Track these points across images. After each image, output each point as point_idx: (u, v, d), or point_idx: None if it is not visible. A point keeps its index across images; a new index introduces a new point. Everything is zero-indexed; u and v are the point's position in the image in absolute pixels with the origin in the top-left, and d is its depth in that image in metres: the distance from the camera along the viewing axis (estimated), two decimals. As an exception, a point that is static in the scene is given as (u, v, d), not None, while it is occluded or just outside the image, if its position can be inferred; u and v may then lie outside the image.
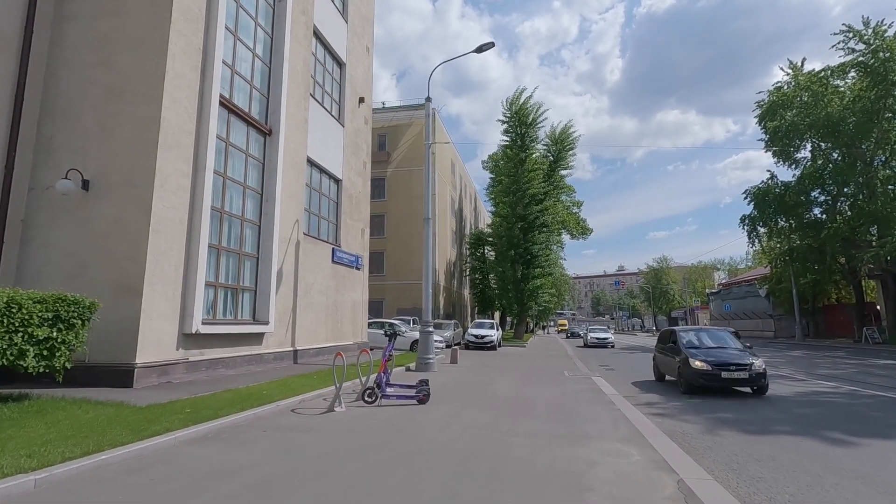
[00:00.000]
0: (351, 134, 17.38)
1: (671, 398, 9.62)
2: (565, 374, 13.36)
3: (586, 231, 45.90)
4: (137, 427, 5.23)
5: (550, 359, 19.90)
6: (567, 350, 26.89)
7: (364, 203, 18.52)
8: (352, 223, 17.29)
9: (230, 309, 10.74)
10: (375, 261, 36.13)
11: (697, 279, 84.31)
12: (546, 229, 34.52)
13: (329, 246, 15.46)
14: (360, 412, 7.11)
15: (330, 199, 16.05)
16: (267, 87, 12.40)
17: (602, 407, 8.06)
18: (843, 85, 31.83)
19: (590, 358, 21.01)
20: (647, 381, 12.51)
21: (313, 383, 9.15)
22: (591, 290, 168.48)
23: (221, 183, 10.48)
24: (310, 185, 14.63)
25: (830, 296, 41.02)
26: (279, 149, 12.21)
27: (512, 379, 12.05)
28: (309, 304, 13.95)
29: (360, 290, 17.84)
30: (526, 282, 33.17)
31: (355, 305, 17.29)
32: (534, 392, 9.72)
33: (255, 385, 8.65)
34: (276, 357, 12.14)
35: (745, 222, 38.83)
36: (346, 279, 16.52)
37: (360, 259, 17.78)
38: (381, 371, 7.79)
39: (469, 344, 24.90)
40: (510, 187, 34.09)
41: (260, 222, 11.81)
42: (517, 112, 34.40)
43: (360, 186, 18.12)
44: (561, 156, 36.64)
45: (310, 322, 13.95)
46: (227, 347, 10.34)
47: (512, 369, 14.79)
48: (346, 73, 17.16)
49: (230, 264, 10.79)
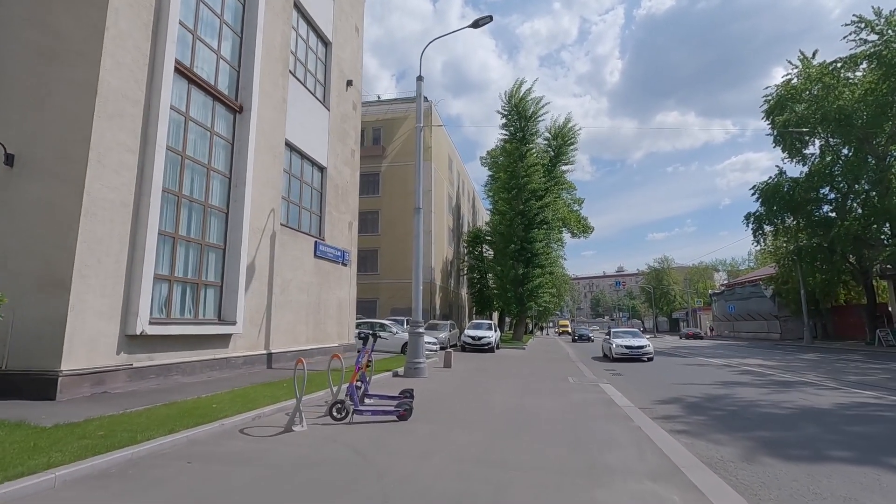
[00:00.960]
0: (337, 119, 16.08)
1: (691, 409, 8.34)
2: (570, 381, 12.07)
3: (587, 229, 44.60)
4: (14, 460, 3.93)
5: (552, 362, 18.61)
6: (569, 352, 25.61)
7: (352, 194, 17.23)
8: (338, 215, 15.99)
9: (189, 307, 9.44)
10: (369, 259, 34.87)
11: (698, 280, 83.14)
12: (546, 226, 33.22)
13: (311, 239, 14.16)
14: (324, 433, 5.81)
15: (313, 188, 14.75)
16: (238, 59, 11.10)
17: (619, 424, 6.77)
18: (855, 77, 30.64)
19: (594, 362, 19.72)
20: (661, 388, 11.23)
21: (279, 393, 7.84)
22: (591, 290, 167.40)
23: (179, 162, 9.17)
24: (289, 171, 13.32)
25: (839, 297, 39.77)
26: (251, 128, 10.90)
27: (511, 386, 10.76)
28: (287, 302, 12.64)
29: (348, 287, 16.54)
30: (526, 281, 31.87)
31: (341, 304, 15.99)
32: (536, 403, 8.43)
33: (208, 396, 7.34)
34: (247, 361, 10.83)
35: (751, 220, 37.63)
36: (330, 275, 15.22)
37: (348, 254, 16.48)
38: (352, 381, 6.48)
39: (465, 346, 23.60)
40: (509, 182, 32.80)
41: (228, 209, 10.50)
42: (516, 105, 33.13)
43: (347, 176, 16.83)
44: (562, 150, 35.37)
45: (287, 322, 12.64)
46: (184, 351, 9.03)
47: (511, 374, 13.51)
48: (332, 54, 15.86)
49: (190, 256, 9.48)
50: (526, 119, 33.16)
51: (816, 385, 11.83)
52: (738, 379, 13.20)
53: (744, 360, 20.72)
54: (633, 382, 12.42)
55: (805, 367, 16.87)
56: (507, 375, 13.18)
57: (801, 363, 18.84)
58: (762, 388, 11.26)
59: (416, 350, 12.26)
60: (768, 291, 46.60)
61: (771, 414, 8.06)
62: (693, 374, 14.79)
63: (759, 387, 11.42)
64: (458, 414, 7.32)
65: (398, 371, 12.40)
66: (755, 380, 13.00)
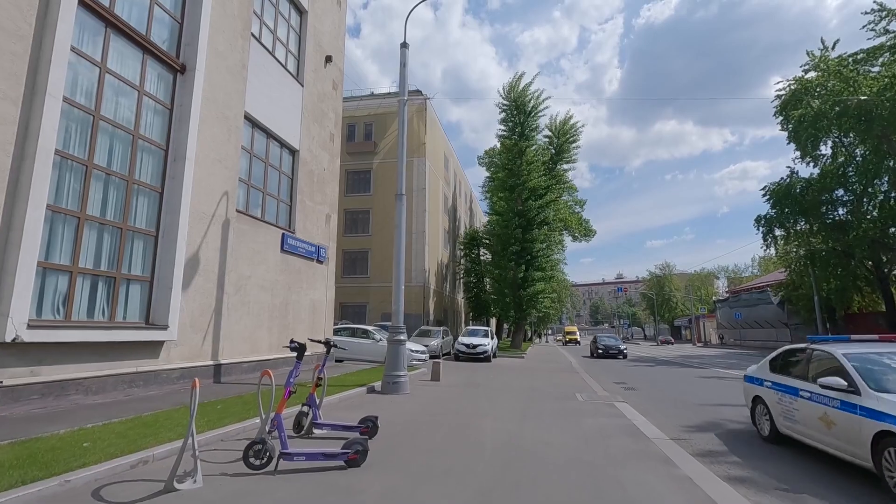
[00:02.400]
0: (313, 97, 14.22)
1: (739, 442, 6.41)
2: (578, 399, 10.12)
3: (589, 232, 42.64)
4: None
5: (555, 373, 16.65)
6: (571, 361, 23.65)
7: (331, 184, 15.33)
8: (313, 206, 14.08)
9: (103, 307, 7.49)
10: (359, 261, 32.96)
11: (700, 286, 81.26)
12: (547, 227, 31.33)
13: (278, 231, 12.24)
14: (224, 492, 3.87)
15: (282, 172, 12.85)
16: (181, 9, 9.23)
17: (657, 470, 4.84)
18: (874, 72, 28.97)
19: (600, 373, 17.77)
20: (689, 410, 9.28)
21: (201, 421, 5.89)
22: (590, 297, 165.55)
23: (91, 124, 7.27)
24: (250, 150, 11.43)
25: (853, 304, 37.89)
26: (196, 93, 9.02)
27: (508, 407, 8.81)
28: (243, 302, 10.70)
29: (324, 287, 14.60)
30: (525, 285, 29.93)
31: (316, 307, 14.04)
32: (540, 435, 6.49)
33: (92, 427, 5.38)
34: (186, 375, 8.87)
35: (761, 223, 35.87)
36: (302, 274, 13.29)
37: (325, 250, 14.56)
38: (280, 410, 4.53)
39: (459, 354, 21.62)
40: (508, 181, 30.93)
41: (162, 188, 8.59)
42: (515, 99, 31.34)
43: (325, 163, 14.94)
44: (563, 148, 33.53)
45: (244, 327, 10.69)
46: (91, 363, 7.08)
47: (508, 389, 11.55)
48: (307, 23, 14.03)
49: (104, 242, 7.55)
50: (526, 114, 31.36)
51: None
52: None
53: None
54: (651, 400, 10.47)
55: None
56: (503, 391, 11.23)
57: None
58: (811, 409, 9.32)
59: (395, 361, 10.31)
60: (776, 298, 44.75)
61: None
62: (717, 390, 12.85)
63: (807, 408, 9.48)
64: (435, 454, 5.38)
65: (375, 386, 10.45)
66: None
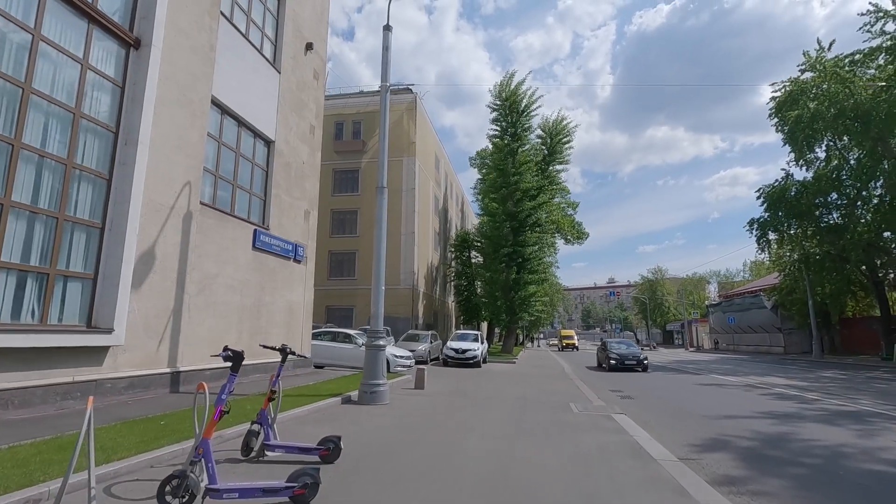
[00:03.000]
0: (292, 85, 13.35)
1: (753, 463, 5.60)
2: (573, 410, 9.30)
3: (582, 235, 41.98)
4: None
5: (547, 380, 15.83)
6: (564, 367, 22.86)
7: (311, 178, 14.44)
8: (290, 201, 13.18)
9: (32, 307, 6.55)
10: (346, 263, 32.02)
11: (692, 291, 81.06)
12: (540, 228, 30.62)
13: (249, 227, 11.33)
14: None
15: (255, 164, 11.95)
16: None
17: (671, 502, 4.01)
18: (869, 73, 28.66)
19: (594, 380, 16.98)
20: (693, 422, 8.49)
21: (128, 443, 4.98)
22: (581, 302, 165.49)
23: (18, 97, 6.36)
24: (218, 138, 10.52)
25: (847, 308, 37.55)
26: (152, 71, 8.12)
27: (496, 420, 7.96)
28: (209, 303, 9.77)
29: (302, 288, 13.68)
30: (517, 288, 29.15)
31: (293, 309, 13.12)
32: (532, 455, 5.64)
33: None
34: (135, 384, 7.92)
35: (755, 227, 35.45)
36: (277, 274, 12.37)
37: (303, 249, 13.65)
38: (208, 434, 3.62)
39: (448, 359, 20.75)
40: (499, 181, 30.21)
41: (110, 175, 7.67)
42: (508, 98, 30.65)
43: (304, 156, 14.05)
44: (556, 148, 32.90)
45: (208, 330, 9.76)
46: (13, 371, 6.13)
47: (498, 399, 10.70)
48: (286, 7, 13.17)
49: (34, 233, 6.62)
50: (518, 113, 30.69)
51: (890, 417, 9.18)
52: (781, 407, 10.51)
53: (763, 378, 18.11)
54: (651, 412, 9.67)
55: (843, 388, 14.27)
56: (492, 401, 10.37)
57: (832, 383, 16.25)
58: (826, 423, 8.57)
59: (373, 368, 9.43)
60: (769, 303, 44.36)
61: (882, 475, 5.35)
62: (719, 399, 12.09)
63: (821, 422, 8.73)
64: (405, 486, 4.50)
65: (352, 395, 9.56)
66: (804, 409, 10.32)
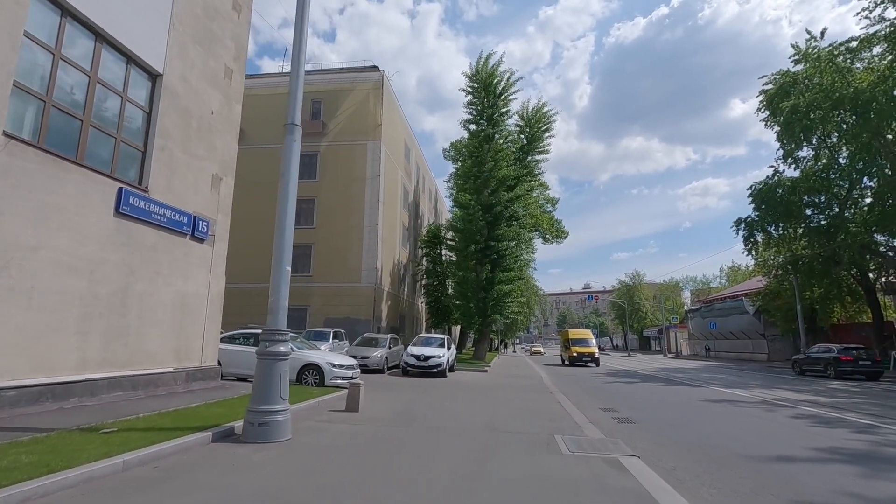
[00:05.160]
0: (195, 8, 10.11)
1: None
2: (561, 448, 6.33)
3: (561, 234, 39.42)
4: None
5: (523, 394, 12.90)
6: (542, 376, 20.02)
7: (225, 136, 11.18)
8: (188, 160, 9.92)
9: None
10: (301, 257, 28.48)
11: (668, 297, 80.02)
12: (517, 223, 27.84)
13: (112, 184, 8.04)
14: None
15: (128, 100, 8.66)
16: None
17: None
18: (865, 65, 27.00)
19: (577, 392, 14.15)
20: (733, 467, 5.62)
21: None
22: (557, 307, 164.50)
23: None
24: (53, 48, 7.23)
25: (834, 314, 35.96)
26: None
27: (442, 476, 4.93)
28: (19, 290, 6.46)
29: (205, 276, 10.39)
30: (490, 287, 26.26)
31: (187, 303, 9.83)
32: None
33: None
34: None
35: (741, 227, 33.49)
36: (161, 254, 9.09)
37: (209, 225, 10.39)
38: None
39: (407, 368, 17.62)
40: (473, 170, 27.34)
41: None
42: (484, 80, 27.83)
43: (216, 104, 10.81)
44: (535, 136, 30.24)
45: (13, 331, 6.44)
46: None
47: (453, 429, 7.67)
48: None
49: None
50: (495, 96, 27.88)
51: None
52: (838, 440, 7.77)
53: (771, 391, 15.59)
54: (670, 449, 6.80)
55: (875, 405, 11.78)
56: (446, 433, 7.34)
57: (852, 397, 13.81)
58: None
59: (267, 387, 6.27)
60: (752, 308, 42.71)
61: None
62: (744, 424, 9.35)
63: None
64: None
65: (236, 426, 6.39)
66: (872, 441, 7.61)
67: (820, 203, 31.33)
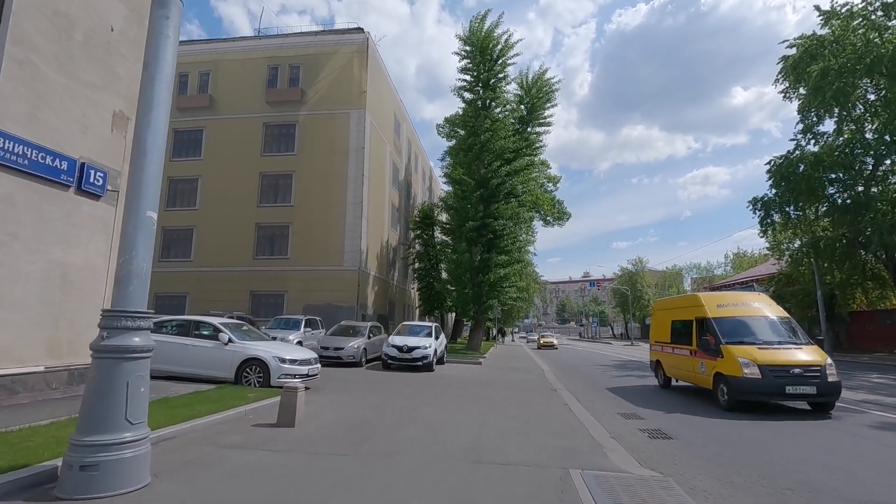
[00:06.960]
0: None
1: None
2: (581, 494, 3.90)
3: (563, 215, 36.75)
4: None
5: (522, 394, 10.48)
6: (543, 369, 17.66)
7: (131, 63, 8.57)
8: (70, 85, 7.35)
9: None
10: (277, 238, 26.01)
11: (671, 284, 77.76)
12: (515, 200, 25.29)
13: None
14: None
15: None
16: None
17: None
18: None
19: (585, 390, 11.76)
20: None
21: None
22: (557, 296, 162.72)
23: None
24: None
25: (854, 300, 33.60)
26: None
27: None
28: None
29: (102, 243, 7.88)
30: (486, 271, 23.79)
31: (69, 278, 7.33)
32: None
33: None
34: None
35: (758, 206, 30.98)
36: (21, 210, 6.58)
37: (102, 174, 7.85)
38: None
39: (389, 361, 15.21)
40: (468, 141, 24.75)
41: None
42: (479, 42, 25.07)
43: (116, 19, 8.21)
44: (536, 106, 27.54)
45: None
46: None
47: (423, 457, 5.24)
48: None
49: None
50: (492, 60, 25.16)
51: None
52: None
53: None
54: (751, 491, 4.39)
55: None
56: (407, 467, 4.90)
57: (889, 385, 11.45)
58: None
59: (102, 405, 3.80)
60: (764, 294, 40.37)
61: None
62: (815, 441, 6.96)
63: None
64: None
65: (57, 465, 3.94)
66: None
67: (844, 180, 28.85)
